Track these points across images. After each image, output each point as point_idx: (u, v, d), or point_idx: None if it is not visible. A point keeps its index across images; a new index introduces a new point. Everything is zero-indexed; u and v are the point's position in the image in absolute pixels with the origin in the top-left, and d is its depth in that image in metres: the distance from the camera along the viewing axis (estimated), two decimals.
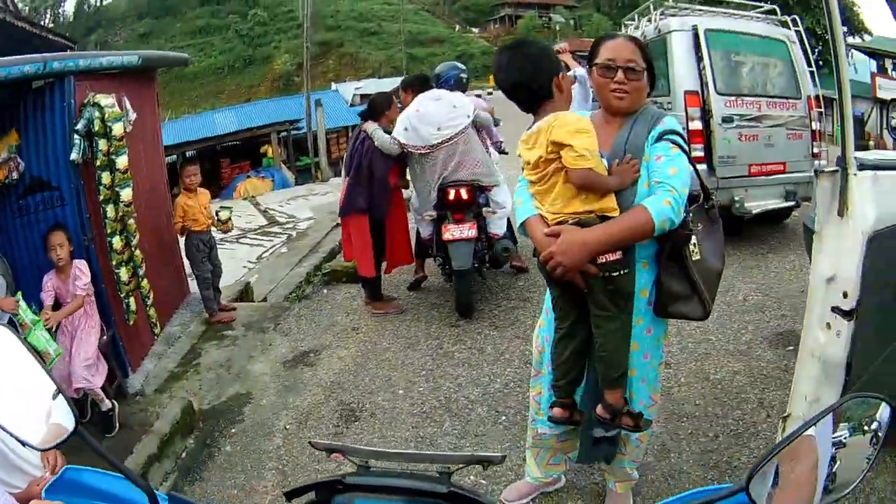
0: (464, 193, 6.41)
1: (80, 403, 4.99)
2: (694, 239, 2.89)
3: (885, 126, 18.86)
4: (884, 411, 1.43)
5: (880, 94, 23.12)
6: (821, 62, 9.34)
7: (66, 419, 1.44)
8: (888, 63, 31.52)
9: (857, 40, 38.81)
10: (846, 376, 3.19)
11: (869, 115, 25.37)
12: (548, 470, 3.80)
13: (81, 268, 5.07)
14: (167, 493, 1.65)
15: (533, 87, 2.88)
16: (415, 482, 1.57)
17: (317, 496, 1.60)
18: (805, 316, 3.41)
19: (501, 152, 7.73)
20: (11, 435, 1.45)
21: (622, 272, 2.80)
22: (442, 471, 1.59)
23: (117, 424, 5.03)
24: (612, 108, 2.99)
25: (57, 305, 5.01)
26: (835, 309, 3.17)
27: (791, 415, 3.42)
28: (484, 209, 6.66)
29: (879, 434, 1.42)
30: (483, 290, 7.32)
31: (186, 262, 7.37)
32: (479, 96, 11.71)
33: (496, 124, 7.42)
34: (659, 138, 2.87)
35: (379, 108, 6.88)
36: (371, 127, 6.68)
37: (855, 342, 3.14)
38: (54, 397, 1.47)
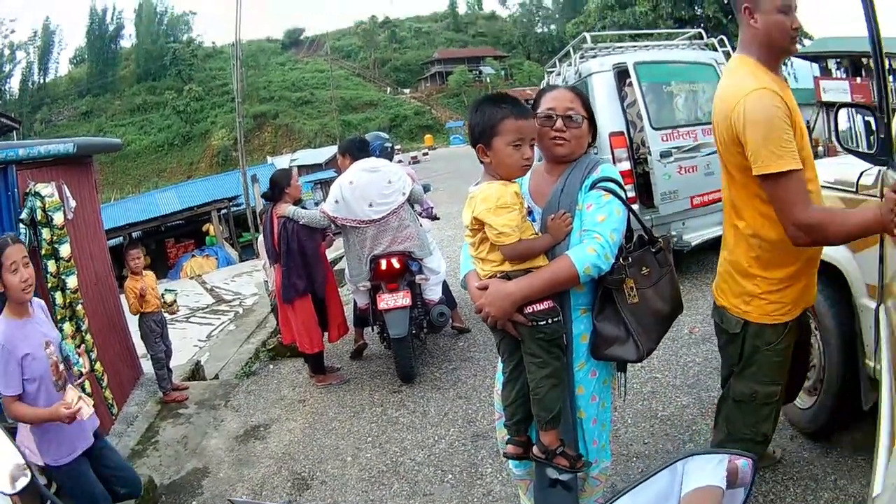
0: (395, 263, 6.48)
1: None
2: (632, 283, 2.94)
3: (833, 130, 19.20)
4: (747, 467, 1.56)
5: (825, 98, 23.34)
6: None
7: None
8: (831, 64, 32.17)
9: (798, 47, 39.46)
10: None
11: (815, 121, 25.79)
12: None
13: None
14: None
15: (473, 148, 2.99)
16: None
17: None
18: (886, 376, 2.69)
19: (433, 218, 7.82)
20: None
21: (550, 321, 2.87)
22: None
23: None
24: (552, 156, 3.08)
25: None
26: None
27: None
28: (417, 276, 6.72)
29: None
30: (424, 355, 7.39)
31: (139, 344, 7.40)
32: (414, 160, 11.84)
33: (427, 190, 7.50)
34: (592, 186, 2.94)
35: (280, 187, 6.93)
36: (289, 210, 6.74)
37: None
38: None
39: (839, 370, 3.98)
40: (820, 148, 19.06)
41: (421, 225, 6.90)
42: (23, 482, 1.91)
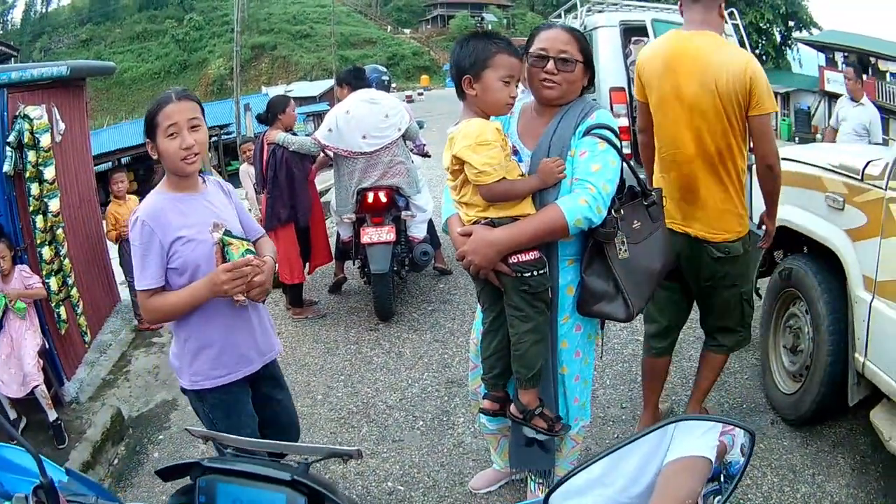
0: (382, 197, 6.35)
1: (27, 405, 5.09)
2: (623, 237, 2.86)
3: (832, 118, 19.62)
4: (744, 440, 1.46)
5: (828, 88, 23.35)
6: (763, 56, 9.43)
7: None
8: (838, 56, 32.12)
9: (804, 34, 39.41)
10: None
11: (816, 108, 25.69)
12: (507, 459, 3.65)
13: (26, 270, 5.14)
14: (66, 468, 1.76)
15: (454, 81, 2.90)
16: (264, 468, 1.67)
17: (189, 477, 1.74)
18: None
19: (425, 155, 7.74)
20: None
21: (535, 273, 2.79)
22: (300, 462, 1.70)
23: (66, 435, 4.99)
24: (541, 98, 2.96)
25: None
26: None
27: None
28: (403, 213, 6.62)
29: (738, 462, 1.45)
30: (403, 293, 7.32)
31: (118, 270, 7.32)
32: (409, 99, 11.57)
33: (420, 127, 7.33)
34: (586, 132, 2.83)
35: (275, 112, 6.79)
36: (279, 136, 6.58)
37: None
38: None
39: (827, 359, 3.94)
40: (819, 135, 18.98)
41: (412, 161, 6.80)
42: None
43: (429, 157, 7.90)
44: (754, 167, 3.70)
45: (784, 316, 4.68)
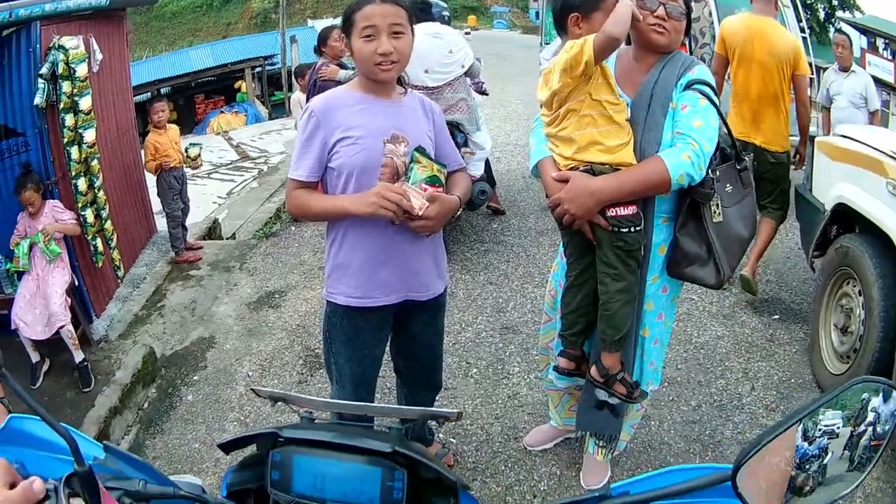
0: None
1: (51, 347, 4.93)
2: (717, 199, 2.73)
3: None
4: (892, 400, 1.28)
5: (869, 71, 23.42)
6: (808, 30, 9.22)
7: None
8: (879, 42, 31.45)
9: (847, 14, 38.88)
10: None
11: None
12: (569, 416, 3.62)
13: (58, 205, 4.99)
14: (104, 443, 1.51)
15: (555, 16, 2.70)
16: (357, 439, 1.46)
17: (256, 447, 1.53)
18: None
19: (483, 93, 7.45)
20: None
21: (633, 229, 2.64)
22: (392, 426, 1.54)
23: (93, 377, 4.83)
24: (649, 43, 2.73)
25: None
26: None
27: None
28: (463, 149, 6.27)
29: (885, 426, 1.28)
30: (455, 232, 7.07)
31: (156, 201, 7.13)
32: (467, 34, 11.28)
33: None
34: (688, 86, 2.68)
35: (319, 43, 6.74)
36: (340, 74, 6.35)
37: None
38: None
39: (877, 345, 3.90)
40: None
41: (474, 98, 6.53)
42: None
43: (487, 94, 7.65)
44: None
45: (837, 294, 4.63)
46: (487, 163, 7.00)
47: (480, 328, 5.27)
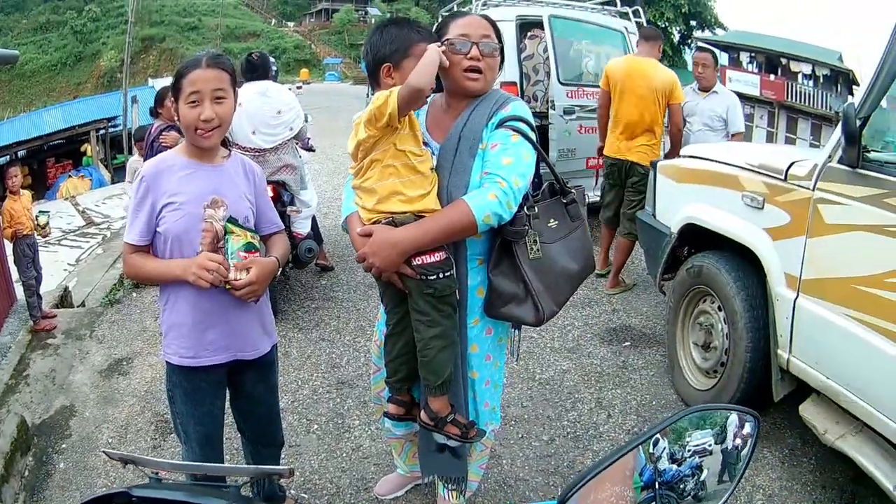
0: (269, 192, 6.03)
1: None
2: (535, 236, 2.68)
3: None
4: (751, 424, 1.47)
5: (730, 87, 24.50)
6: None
7: None
8: (743, 56, 32.71)
9: (706, 34, 40.44)
10: None
11: None
12: (413, 463, 3.59)
13: None
14: None
15: (369, 69, 2.71)
16: (201, 498, 1.58)
17: None
18: None
19: (309, 149, 7.45)
20: None
21: (441, 275, 2.59)
22: (230, 484, 1.63)
23: None
24: (461, 90, 2.70)
25: None
26: None
27: None
28: (288, 208, 6.32)
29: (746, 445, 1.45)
30: (286, 291, 7.08)
31: (13, 268, 6.92)
32: (299, 88, 11.29)
33: (305, 120, 7.00)
34: (500, 125, 2.64)
35: (157, 102, 6.55)
36: (172, 138, 6.07)
37: None
38: None
39: (746, 355, 4.05)
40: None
41: (300, 157, 6.51)
42: None
43: (314, 151, 7.66)
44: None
45: (693, 313, 4.76)
46: (314, 220, 7.05)
47: (317, 385, 5.24)
